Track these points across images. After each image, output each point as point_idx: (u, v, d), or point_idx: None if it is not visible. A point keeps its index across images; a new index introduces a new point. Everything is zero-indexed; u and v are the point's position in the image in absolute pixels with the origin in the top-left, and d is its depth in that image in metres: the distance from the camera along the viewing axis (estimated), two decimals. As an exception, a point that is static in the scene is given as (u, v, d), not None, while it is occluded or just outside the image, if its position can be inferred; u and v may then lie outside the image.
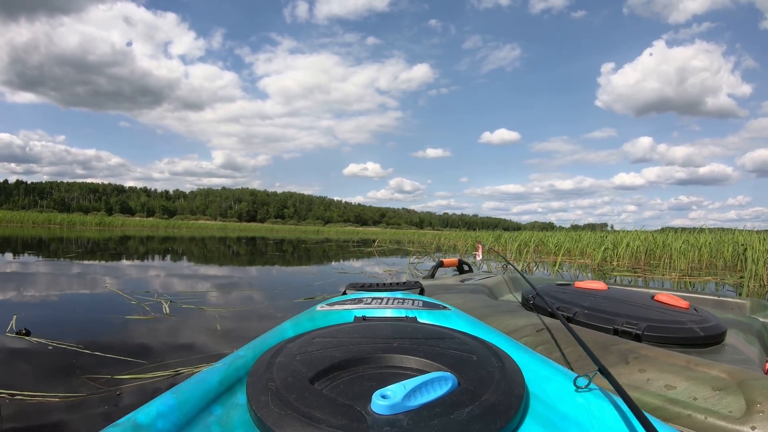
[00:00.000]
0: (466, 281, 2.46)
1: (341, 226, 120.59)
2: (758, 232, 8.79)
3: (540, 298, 1.73)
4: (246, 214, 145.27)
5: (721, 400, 0.94)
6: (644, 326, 1.40)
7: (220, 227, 50.75)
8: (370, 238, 21.64)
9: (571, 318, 1.57)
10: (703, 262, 7.94)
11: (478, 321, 1.33)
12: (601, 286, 1.90)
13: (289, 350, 0.95)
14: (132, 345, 2.15)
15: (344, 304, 1.45)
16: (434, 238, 20.26)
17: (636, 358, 1.13)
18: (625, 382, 1.07)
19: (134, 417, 0.69)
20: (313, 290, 4.01)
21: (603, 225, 18.53)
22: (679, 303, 1.63)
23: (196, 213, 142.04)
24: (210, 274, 5.49)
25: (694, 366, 1.04)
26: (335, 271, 5.95)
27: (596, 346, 1.19)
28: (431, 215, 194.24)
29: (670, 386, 1.02)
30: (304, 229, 53.83)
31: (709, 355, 1.31)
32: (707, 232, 9.90)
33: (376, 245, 14.68)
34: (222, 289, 4.07)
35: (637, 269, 7.18)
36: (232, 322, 2.65)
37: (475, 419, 0.69)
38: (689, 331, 1.41)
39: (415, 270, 6.28)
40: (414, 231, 60.29)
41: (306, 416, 0.69)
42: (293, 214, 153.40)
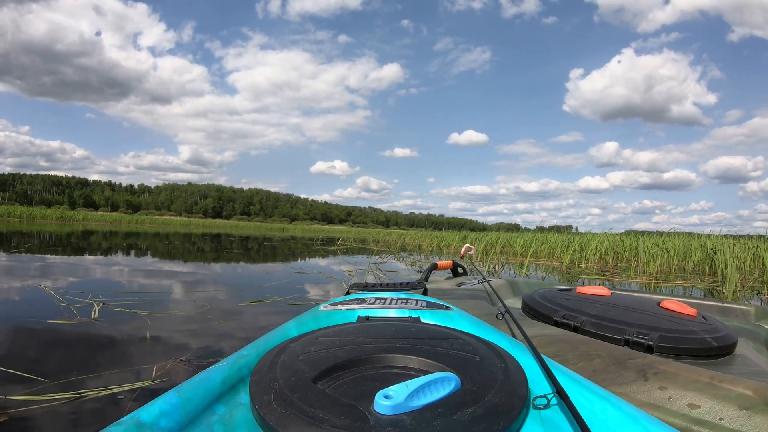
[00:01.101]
0: (463, 285, 2.37)
1: (307, 224, 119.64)
2: (727, 236, 8.76)
3: (543, 304, 1.71)
4: (211, 211, 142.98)
5: (749, 420, 0.88)
6: (656, 336, 1.34)
7: (184, 223, 49.77)
8: (336, 237, 21.30)
9: (578, 327, 1.50)
10: (672, 266, 7.85)
11: (482, 321, 1.32)
12: (605, 291, 1.85)
13: (293, 350, 0.95)
14: (39, 357, 1.86)
15: (348, 304, 1.45)
16: (399, 238, 20.03)
17: (655, 374, 1.05)
18: (645, 401, 1.00)
19: (137, 415, 0.69)
20: (263, 292, 3.71)
21: (568, 227, 18.61)
22: (686, 310, 1.58)
23: (161, 208, 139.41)
24: (162, 272, 5.14)
25: (717, 382, 0.97)
26: (293, 271, 5.62)
27: (611, 360, 1.14)
28: (398, 215, 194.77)
29: (694, 405, 0.95)
30: (269, 227, 53.27)
31: (722, 367, 1.26)
32: (676, 236, 9.89)
33: (340, 244, 14.37)
34: (167, 290, 3.76)
35: (606, 272, 7.05)
36: (165, 330, 2.36)
37: (477, 420, 0.68)
38: (702, 342, 1.34)
39: (377, 270, 6.00)
40: (379, 230, 60.12)
41: (309, 416, 0.69)
42: (259, 211, 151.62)
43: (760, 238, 8.40)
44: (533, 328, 1.47)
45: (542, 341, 1.33)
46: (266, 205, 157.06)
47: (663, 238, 9.79)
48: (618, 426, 0.75)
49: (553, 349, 1.28)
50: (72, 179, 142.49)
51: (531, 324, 1.54)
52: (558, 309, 1.65)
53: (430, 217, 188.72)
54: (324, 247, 12.71)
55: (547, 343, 1.32)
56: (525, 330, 1.38)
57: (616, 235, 10.42)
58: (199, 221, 69.15)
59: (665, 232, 11.11)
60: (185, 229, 27.48)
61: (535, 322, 1.62)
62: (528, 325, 1.50)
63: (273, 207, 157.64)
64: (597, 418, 0.78)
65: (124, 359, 1.85)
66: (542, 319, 1.66)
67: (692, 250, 7.96)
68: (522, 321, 1.57)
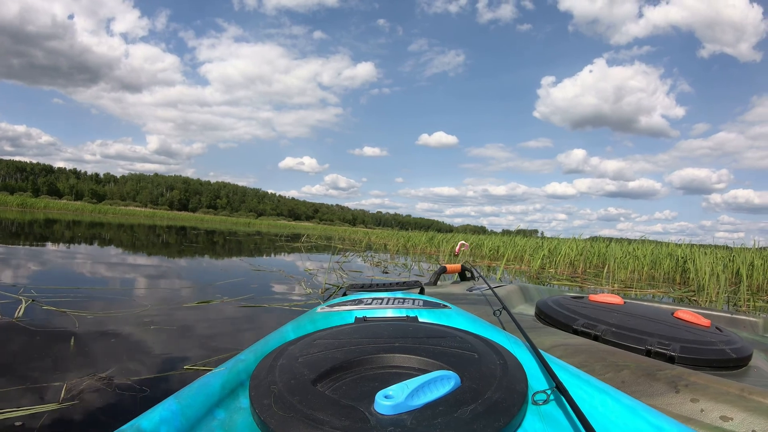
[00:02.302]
0: (474, 290, 2.31)
1: (274, 219, 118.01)
2: (698, 245, 8.75)
3: (560, 312, 1.68)
4: (177, 203, 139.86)
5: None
6: (678, 347, 1.32)
7: (148, 214, 48.74)
8: (301, 233, 20.95)
9: (598, 336, 1.47)
10: (642, 274, 7.78)
11: (479, 319, 1.31)
12: (618, 300, 1.82)
13: (291, 352, 0.95)
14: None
15: (345, 305, 1.44)
16: (365, 236, 19.77)
17: (686, 386, 1.04)
18: (677, 413, 0.99)
19: (138, 423, 0.68)
20: (213, 291, 3.43)
21: (534, 231, 18.65)
22: (700, 321, 1.58)
23: (126, 199, 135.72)
24: (113, 265, 4.80)
25: (748, 395, 0.96)
26: (251, 268, 5.31)
27: (640, 372, 1.13)
28: (365, 213, 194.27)
29: (726, 417, 0.94)
30: (235, 221, 52.31)
31: (740, 378, 1.25)
32: (645, 244, 9.86)
33: (304, 241, 14.04)
34: (109, 286, 3.45)
35: (576, 278, 6.93)
36: (90, 335, 2.07)
37: (478, 417, 0.68)
38: (721, 353, 1.32)
39: (340, 270, 5.75)
40: (346, 228, 59.84)
41: (309, 418, 0.68)
42: (226, 204, 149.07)
43: (728, 249, 8.39)
44: (554, 336, 1.45)
45: (567, 351, 1.31)
46: (233, 199, 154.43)
47: (633, 245, 9.76)
48: (618, 418, 0.76)
49: (578, 359, 1.25)
50: (36, 165, 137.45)
51: (551, 332, 1.53)
52: (577, 317, 1.61)
53: (397, 216, 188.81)
54: (288, 244, 12.39)
55: (572, 353, 1.29)
56: (544, 337, 1.43)
57: (585, 241, 10.38)
58: (164, 213, 67.79)
59: (634, 240, 11.10)
60: (150, 221, 26.79)
61: (552, 329, 1.59)
62: (547, 333, 1.50)
63: (240, 201, 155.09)
64: (597, 412, 0.79)
65: (31, 372, 1.56)
66: (560, 327, 1.62)
67: (662, 258, 7.92)
68: (538, 329, 1.58)
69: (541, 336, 1.46)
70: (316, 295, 3.49)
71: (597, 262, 8.98)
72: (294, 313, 2.78)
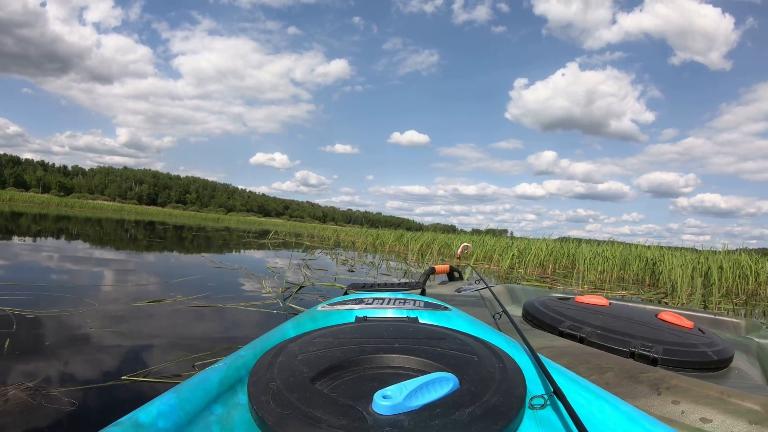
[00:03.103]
0: (463, 291, 2.31)
1: (243, 215, 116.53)
2: (668, 248, 8.84)
3: (546, 314, 1.69)
4: (146, 197, 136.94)
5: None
6: (660, 350, 1.34)
7: (116, 209, 47.71)
8: (270, 230, 20.69)
9: (584, 338, 1.48)
10: (612, 275, 7.82)
11: (479, 321, 1.30)
12: (604, 302, 1.84)
13: (291, 350, 0.93)
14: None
15: (345, 304, 1.42)
16: (333, 234, 19.62)
17: (668, 389, 1.06)
18: (659, 414, 1.00)
19: (135, 416, 0.67)
20: (167, 289, 3.28)
21: (503, 231, 18.71)
22: (683, 323, 1.59)
23: (95, 192, 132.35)
24: (69, 259, 4.60)
25: (727, 397, 0.98)
26: (211, 265, 5.15)
27: (623, 374, 1.14)
28: (335, 210, 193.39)
29: (706, 419, 0.96)
30: (204, 216, 51.62)
31: (722, 380, 1.28)
32: (615, 245, 9.91)
33: (271, 238, 13.83)
34: (58, 282, 3.27)
35: (545, 278, 6.93)
36: (26, 338, 1.94)
37: (476, 420, 0.67)
38: (703, 355, 1.35)
39: (305, 267, 5.64)
40: (315, 225, 59.51)
41: (307, 416, 0.67)
42: (195, 200, 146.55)
43: (696, 251, 8.51)
44: (541, 339, 1.45)
45: (552, 353, 1.29)
46: (203, 194, 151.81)
47: (602, 246, 9.82)
48: (615, 425, 0.75)
49: (564, 361, 1.24)
50: (3, 156, 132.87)
51: (537, 334, 1.53)
52: (562, 319, 1.62)
53: (367, 214, 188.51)
54: (255, 240, 12.19)
55: (558, 355, 1.28)
56: (531, 339, 1.37)
57: (555, 241, 10.41)
58: (132, 207, 66.19)
59: (603, 241, 11.19)
60: (117, 215, 26.22)
61: (539, 331, 1.60)
62: (534, 335, 1.49)
63: (210, 196, 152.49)
64: (594, 418, 0.78)
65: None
66: (546, 329, 1.63)
67: (631, 259, 7.98)
68: (526, 330, 1.56)
69: (529, 337, 1.42)
70: (275, 295, 3.37)
71: (566, 263, 9.02)
72: (248, 314, 2.67)
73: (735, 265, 6.81)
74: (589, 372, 1.18)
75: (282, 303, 3.03)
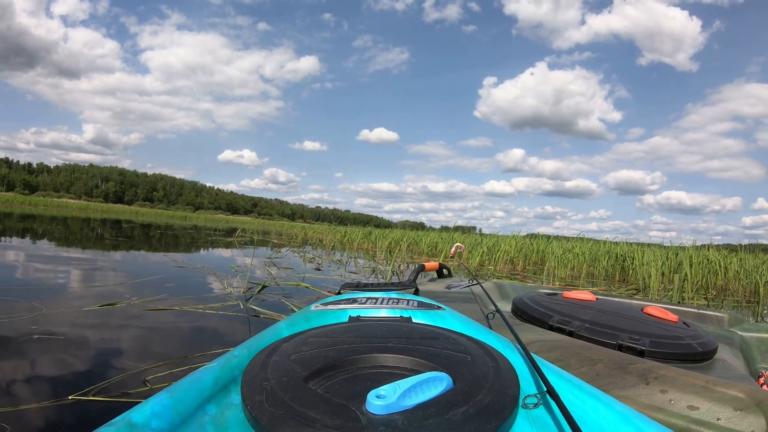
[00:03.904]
0: (453, 288, 2.27)
1: (211, 213, 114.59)
2: (637, 243, 8.91)
3: (536, 309, 1.71)
4: (113, 195, 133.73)
5: (743, 420, 0.92)
6: (647, 342, 1.36)
7: (82, 207, 46.46)
8: (238, 227, 20.32)
9: (573, 332, 1.49)
10: (582, 271, 7.82)
11: (472, 321, 1.30)
12: (590, 297, 1.86)
13: (284, 350, 0.92)
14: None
15: (339, 304, 1.40)
16: (301, 231, 19.36)
17: (656, 378, 1.08)
18: (647, 403, 1.03)
19: (129, 416, 0.66)
20: (123, 291, 3.10)
21: (472, 228, 18.71)
22: (668, 316, 1.62)
23: (60, 190, 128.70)
24: (25, 259, 4.34)
25: (712, 386, 1.01)
26: (173, 265, 4.94)
27: (613, 365, 1.16)
28: (303, 208, 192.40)
29: (693, 407, 0.98)
30: (171, 215, 50.51)
31: (707, 371, 1.29)
32: (584, 242, 9.91)
33: (238, 235, 13.55)
34: (9, 284, 3.05)
35: (515, 275, 6.88)
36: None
37: (469, 419, 0.66)
38: (688, 347, 1.38)
39: (271, 266, 5.49)
40: (284, 223, 58.96)
41: (301, 416, 0.66)
42: (163, 198, 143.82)
43: (664, 247, 8.58)
44: (531, 333, 1.45)
45: (543, 347, 1.32)
46: (170, 192, 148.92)
47: (571, 242, 9.81)
48: (608, 424, 0.75)
49: (555, 354, 1.26)
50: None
51: (528, 328, 1.53)
52: (552, 314, 1.63)
53: (336, 212, 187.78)
54: (222, 239, 11.91)
55: (549, 348, 1.31)
56: (521, 333, 1.36)
57: (525, 238, 10.41)
58: (98, 206, 64.55)
59: (571, 237, 11.20)
60: (83, 214, 25.46)
61: (529, 326, 1.60)
62: (524, 330, 1.49)
63: (177, 194, 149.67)
64: (587, 416, 0.77)
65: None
66: (536, 323, 1.63)
67: (601, 255, 7.99)
68: (516, 325, 1.56)
69: (519, 332, 1.41)
70: (237, 295, 3.22)
71: (536, 260, 9.02)
72: (206, 317, 2.53)
73: (704, 260, 6.89)
74: (580, 364, 1.19)
75: (243, 304, 2.88)
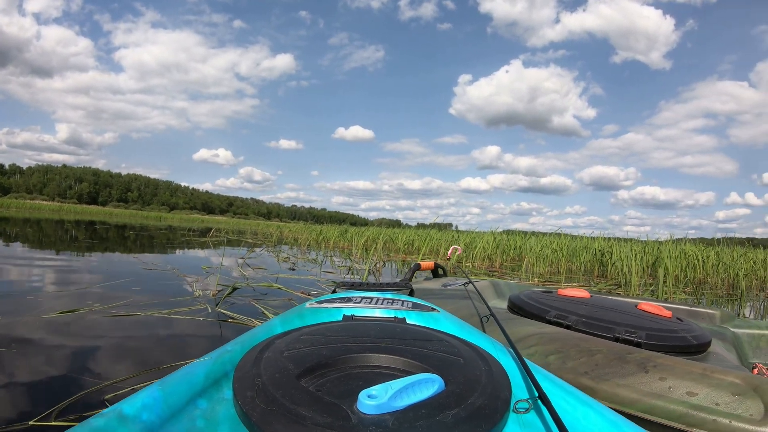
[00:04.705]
0: (449, 286, 2.28)
1: (187, 213, 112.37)
2: (615, 239, 8.93)
3: (533, 305, 1.71)
4: (87, 196, 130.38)
5: (741, 404, 0.94)
6: (644, 335, 1.38)
7: (55, 209, 45.34)
8: (213, 227, 19.99)
9: (570, 326, 1.51)
10: (561, 267, 7.80)
11: (466, 324, 1.30)
12: (585, 294, 1.88)
13: (277, 346, 0.91)
14: None
15: (333, 303, 1.40)
16: (277, 230, 19.13)
17: (654, 367, 1.09)
18: (647, 390, 1.05)
19: (120, 408, 0.66)
20: (86, 296, 2.94)
21: (448, 225, 18.69)
22: (662, 312, 1.64)
23: (33, 192, 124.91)
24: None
25: (710, 373, 1.03)
26: (141, 267, 4.75)
27: (612, 355, 1.17)
28: (279, 207, 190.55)
29: (692, 393, 1.00)
30: (146, 215, 49.55)
31: (701, 362, 1.25)
32: (563, 237, 9.89)
33: (212, 235, 13.29)
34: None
35: (494, 272, 6.83)
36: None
37: (460, 422, 0.66)
38: (683, 340, 1.40)
39: (244, 267, 5.35)
40: (259, 222, 58.39)
41: (292, 413, 0.66)
42: (137, 198, 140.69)
43: (642, 242, 8.62)
44: (530, 326, 1.46)
45: (543, 339, 1.33)
46: (145, 192, 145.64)
47: (548, 238, 9.78)
48: (599, 431, 0.74)
49: (554, 345, 1.28)
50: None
51: (526, 322, 1.53)
52: (548, 309, 1.65)
53: (312, 210, 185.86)
54: (196, 239, 11.65)
55: (548, 340, 1.32)
56: (519, 327, 1.44)
57: (500, 234, 10.37)
58: (71, 207, 62.84)
59: (548, 233, 11.24)
60: (56, 216, 24.77)
61: (527, 320, 1.60)
62: (523, 324, 1.50)
63: (152, 194, 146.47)
64: (578, 423, 0.77)
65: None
66: (533, 319, 1.63)
67: (579, 251, 7.97)
68: (514, 320, 1.58)
69: (517, 326, 1.47)
70: (206, 298, 3.10)
71: (514, 256, 8.98)
72: (172, 322, 2.40)
73: (681, 254, 6.92)
74: (579, 354, 1.21)
75: (211, 308, 2.76)
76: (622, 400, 1.06)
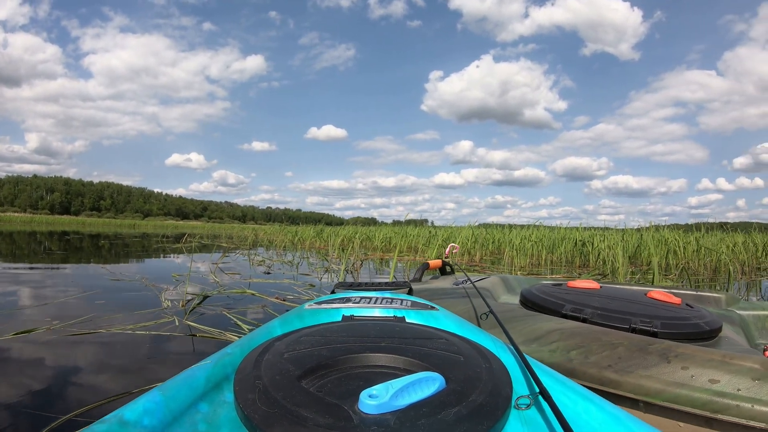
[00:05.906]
0: (459, 284, 2.22)
1: (161, 219, 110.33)
2: (596, 228, 8.94)
3: (547, 299, 1.69)
4: (59, 206, 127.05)
5: (762, 389, 0.95)
6: (659, 324, 1.38)
7: (26, 220, 44.01)
8: (188, 233, 19.58)
9: (586, 319, 1.50)
10: (542, 258, 7.74)
11: (466, 321, 1.29)
12: (594, 285, 1.87)
13: (277, 348, 0.90)
14: None
15: (332, 303, 1.38)
16: (252, 233, 18.83)
17: (676, 357, 1.10)
18: (671, 380, 1.05)
19: (121, 414, 0.65)
20: (44, 312, 2.74)
21: (424, 221, 18.60)
22: (672, 299, 1.64)
23: (4, 204, 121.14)
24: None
25: (729, 360, 1.04)
26: (109, 278, 4.52)
27: (634, 347, 1.17)
28: (254, 209, 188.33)
29: (714, 380, 1.01)
30: (119, 223, 48.42)
31: (714, 347, 1.30)
32: (541, 229, 9.84)
33: (185, 241, 12.96)
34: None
35: (475, 266, 6.73)
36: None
37: (462, 420, 0.65)
38: (696, 326, 1.40)
39: (217, 273, 5.16)
40: (234, 225, 57.68)
41: (293, 415, 0.65)
42: (110, 206, 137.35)
43: (621, 230, 8.64)
44: (548, 322, 1.44)
45: (563, 335, 1.32)
46: (118, 200, 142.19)
47: (526, 230, 9.72)
48: (601, 426, 0.73)
49: (575, 341, 1.28)
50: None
51: (543, 318, 1.50)
52: (563, 303, 1.62)
53: (287, 211, 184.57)
54: (169, 246, 11.33)
55: (568, 335, 1.31)
56: (537, 324, 1.43)
57: (480, 228, 10.29)
58: (43, 218, 61.13)
59: (525, 225, 11.19)
60: (28, 227, 23.97)
61: (544, 315, 1.56)
62: (540, 320, 1.48)
63: (125, 202, 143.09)
64: (580, 418, 0.76)
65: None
66: (549, 313, 1.61)
67: (558, 242, 7.92)
68: (533, 316, 1.54)
69: (537, 323, 1.45)
70: (174, 309, 2.92)
71: (493, 249, 8.91)
72: (136, 340, 2.23)
73: (661, 241, 6.92)
74: (602, 348, 1.21)
75: (179, 321, 2.59)
76: (647, 391, 1.06)
